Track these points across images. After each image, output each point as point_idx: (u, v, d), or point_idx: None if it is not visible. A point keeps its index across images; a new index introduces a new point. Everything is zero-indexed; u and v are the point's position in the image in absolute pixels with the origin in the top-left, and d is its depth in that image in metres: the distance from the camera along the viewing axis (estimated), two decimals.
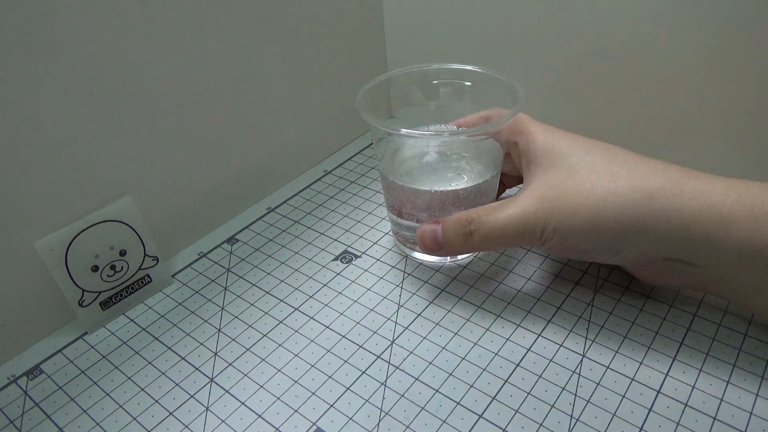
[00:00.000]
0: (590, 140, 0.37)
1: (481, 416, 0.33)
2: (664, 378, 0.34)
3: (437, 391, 0.35)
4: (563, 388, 0.34)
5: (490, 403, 0.34)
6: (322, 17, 0.52)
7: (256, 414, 0.34)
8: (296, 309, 0.41)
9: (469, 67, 0.43)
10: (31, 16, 0.33)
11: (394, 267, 0.44)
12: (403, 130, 0.37)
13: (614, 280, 0.41)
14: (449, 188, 0.41)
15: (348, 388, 0.35)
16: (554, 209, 0.34)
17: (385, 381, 0.36)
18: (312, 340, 0.39)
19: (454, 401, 0.34)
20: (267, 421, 0.34)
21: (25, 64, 0.34)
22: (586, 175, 0.34)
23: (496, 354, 0.37)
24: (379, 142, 0.43)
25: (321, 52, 0.53)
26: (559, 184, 0.34)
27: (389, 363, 0.37)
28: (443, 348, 0.38)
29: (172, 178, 0.45)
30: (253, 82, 0.48)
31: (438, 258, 0.44)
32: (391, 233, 0.48)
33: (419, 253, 0.44)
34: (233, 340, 0.39)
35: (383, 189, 0.44)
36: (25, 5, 0.33)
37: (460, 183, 0.42)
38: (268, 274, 0.45)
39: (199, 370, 0.37)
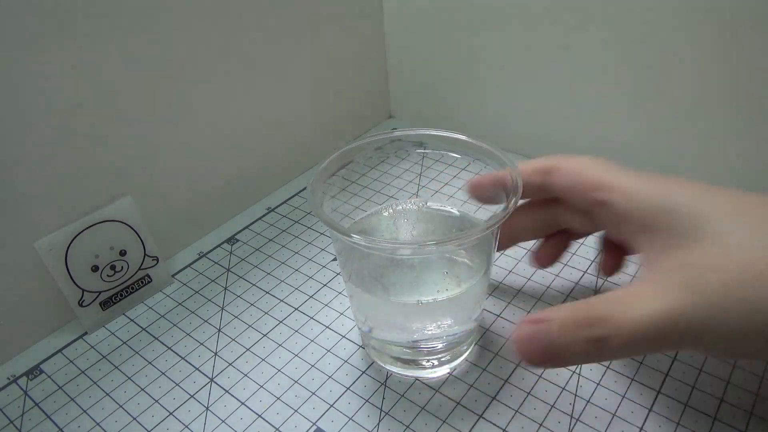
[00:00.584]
0: (720, 189, 0.27)
1: (481, 416, 0.33)
2: (664, 378, 0.34)
3: (437, 391, 0.35)
4: (563, 388, 0.34)
5: (490, 403, 0.34)
6: (322, 17, 0.52)
7: (256, 414, 0.34)
8: (296, 309, 0.41)
9: (457, 136, 0.34)
10: (31, 17, 0.33)
11: None
12: (362, 240, 0.27)
13: (614, 280, 0.41)
14: (438, 297, 0.32)
15: (348, 388, 0.35)
16: (718, 306, 0.23)
17: (385, 381, 0.36)
18: (312, 340, 0.39)
19: (454, 401, 0.34)
20: (267, 421, 0.34)
21: (25, 64, 0.34)
22: (754, 253, 0.24)
23: (496, 354, 0.37)
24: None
25: (321, 52, 0.53)
26: (714, 267, 0.24)
27: None
28: None
29: (172, 178, 0.45)
30: (253, 83, 0.48)
31: (432, 373, 0.35)
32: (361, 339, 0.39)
33: (397, 368, 0.36)
34: (233, 340, 0.39)
35: (347, 294, 0.35)
36: (26, 5, 0.33)
37: (452, 287, 0.33)
38: (268, 274, 0.45)
39: (199, 370, 0.37)
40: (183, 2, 0.41)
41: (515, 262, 0.44)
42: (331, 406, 0.34)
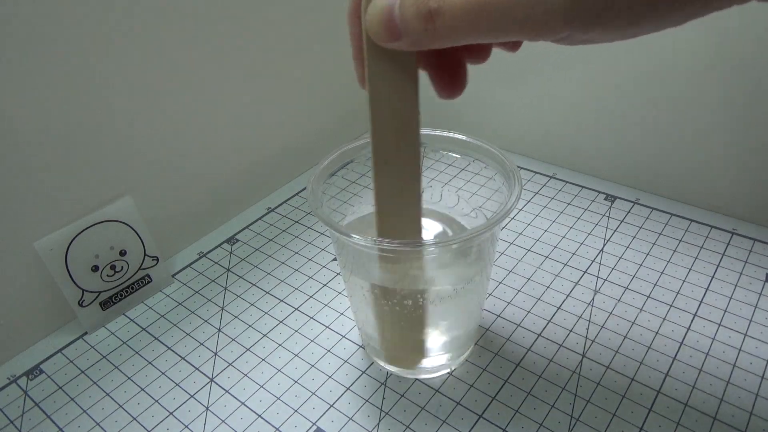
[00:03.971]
0: None
1: (481, 416, 0.33)
2: (664, 378, 0.34)
3: (437, 391, 0.35)
4: (563, 388, 0.34)
5: (490, 403, 0.34)
6: (321, 19, 0.52)
7: (256, 414, 0.34)
8: (296, 309, 0.41)
9: (456, 135, 0.34)
10: (30, 17, 0.33)
11: None
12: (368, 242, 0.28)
13: (614, 280, 0.41)
14: (438, 297, 0.32)
15: (348, 388, 0.35)
16: None
17: (385, 381, 0.36)
18: (312, 340, 0.39)
19: (454, 401, 0.34)
20: (267, 421, 0.34)
21: (25, 65, 0.34)
22: None
23: (496, 354, 0.37)
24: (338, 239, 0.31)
25: (321, 53, 0.53)
26: None
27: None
28: None
29: (172, 178, 0.45)
30: (253, 83, 0.48)
31: (432, 373, 0.35)
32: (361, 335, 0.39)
33: (397, 368, 0.36)
34: (233, 340, 0.39)
35: (347, 294, 0.36)
36: (26, 6, 0.33)
37: (451, 287, 0.33)
38: (268, 274, 0.45)
39: (199, 370, 0.37)
40: (183, 4, 0.41)
41: (515, 262, 0.44)
42: (331, 406, 0.34)
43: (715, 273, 0.42)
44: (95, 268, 0.40)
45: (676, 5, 0.21)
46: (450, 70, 0.28)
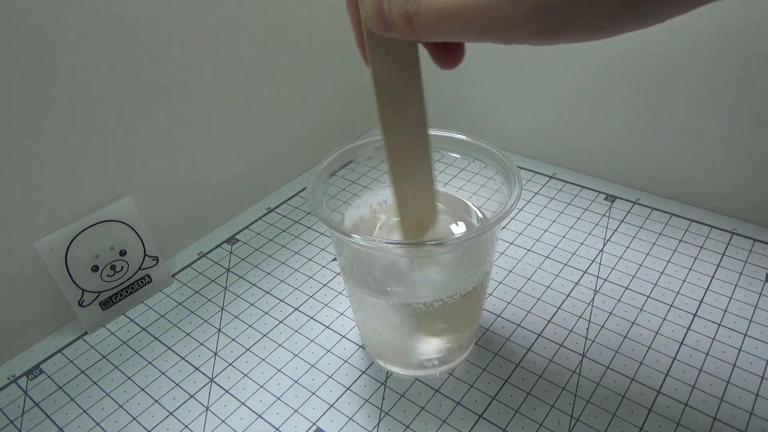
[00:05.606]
0: None
1: (481, 416, 0.33)
2: (664, 378, 0.34)
3: (437, 391, 0.35)
4: (563, 388, 0.34)
5: (490, 403, 0.34)
6: (321, 20, 0.52)
7: (256, 414, 0.34)
8: (296, 309, 0.41)
9: (456, 135, 0.35)
10: (30, 18, 0.33)
11: None
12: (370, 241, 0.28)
13: (614, 280, 0.41)
14: (438, 297, 0.31)
15: (348, 388, 0.35)
16: None
17: (386, 381, 0.36)
18: (312, 340, 0.39)
19: (454, 401, 0.34)
20: (267, 421, 0.34)
21: (25, 65, 0.34)
22: None
23: (496, 354, 0.37)
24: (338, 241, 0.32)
25: (320, 53, 0.53)
26: None
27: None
28: None
29: (172, 178, 0.45)
30: (254, 83, 0.48)
31: (432, 373, 0.36)
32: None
33: (397, 368, 0.36)
34: (233, 340, 0.39)
35: (347, 294, 0.36)
36: (25, 6, 0.33)
37: (451, 287, 0.32)
38: (268, 274, 0.45)
39: (199, 370, 0.37)
40: (183, 4, 0.41)
41: (515, 262, 0.44)
42: (331, 406, 0.34)
43: (715, 273, 0.42)
44: (95, 268, 0.40)
45: (633, 15, 0.20)
46: (448, 44, 0.29)
